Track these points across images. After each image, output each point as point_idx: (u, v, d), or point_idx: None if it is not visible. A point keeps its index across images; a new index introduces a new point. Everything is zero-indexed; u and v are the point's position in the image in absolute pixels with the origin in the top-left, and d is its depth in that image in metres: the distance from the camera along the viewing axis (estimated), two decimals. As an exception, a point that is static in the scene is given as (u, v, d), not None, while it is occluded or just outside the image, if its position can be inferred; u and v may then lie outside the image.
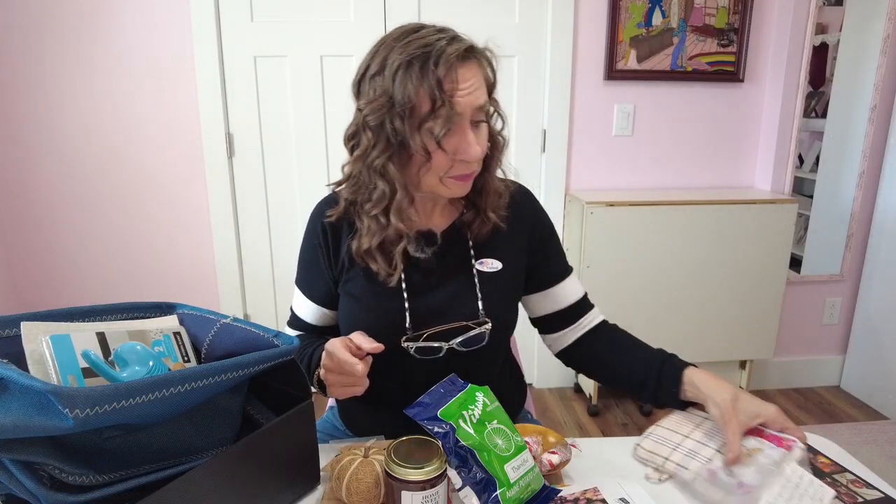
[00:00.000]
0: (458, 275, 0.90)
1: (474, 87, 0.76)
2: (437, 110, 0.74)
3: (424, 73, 0.73)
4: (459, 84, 0.75)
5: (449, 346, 0.85)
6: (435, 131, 0.75)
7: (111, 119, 2.05)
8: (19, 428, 0.48)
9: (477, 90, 0.77)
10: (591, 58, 2.14)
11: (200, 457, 0.63)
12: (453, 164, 0.79)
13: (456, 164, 0.79)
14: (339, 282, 0.92)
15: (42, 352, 0.60)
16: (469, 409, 0.71)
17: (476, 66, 0.78)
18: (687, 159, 2.28)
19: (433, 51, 0.74)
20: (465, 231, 0.91)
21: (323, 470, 0.76)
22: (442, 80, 0.73)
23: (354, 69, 0.87)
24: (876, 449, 2.00)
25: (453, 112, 0.74)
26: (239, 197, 2.18)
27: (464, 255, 0.91)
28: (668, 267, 2.07)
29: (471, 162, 0.80)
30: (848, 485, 0.74)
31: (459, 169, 0.80)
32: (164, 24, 1.99)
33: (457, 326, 0.86)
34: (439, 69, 0.73)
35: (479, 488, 0.65)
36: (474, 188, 0.88)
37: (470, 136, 0.78)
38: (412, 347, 0.85)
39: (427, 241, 0.89)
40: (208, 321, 0.73)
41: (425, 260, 0.88)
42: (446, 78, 0.73)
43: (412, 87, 0.73)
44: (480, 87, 0.78)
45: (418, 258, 0.88)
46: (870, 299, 2.33)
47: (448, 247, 0.90)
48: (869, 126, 2.22)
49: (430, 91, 0.73)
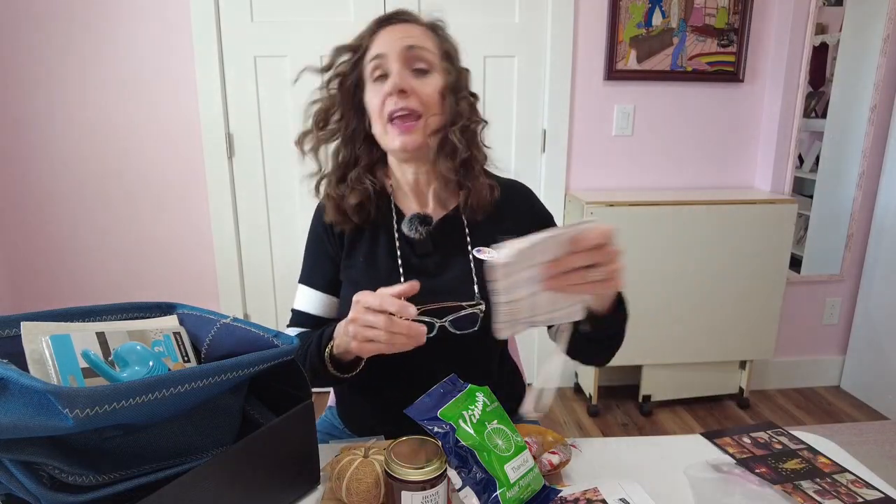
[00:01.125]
0: (455, 261, 0.91)
1: (400, 36, 0.86)
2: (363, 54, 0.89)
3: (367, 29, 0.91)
4: (384, 33, 0.88)
5: (441, 324, 0.85)
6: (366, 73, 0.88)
7: (111, 119, 2.05)
8: (19, 428, 0.48)
9: (404, 38, 0.86)
10: (591, 58, 2.14)
11: (200, 457, 0.63)
12: (386, 103, 0.85)
13: (387, 100, 0.85)
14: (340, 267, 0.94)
15: (42, 352, 0.60)
16: (469, 410, 0.71)
17: (410, 25, 0.89)
18: (687, 159, 2.28)
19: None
20: (461, 218, 0.93)
21: (323, 470, 0.76)
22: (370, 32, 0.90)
23: None
24: (876, 449, 2.00)
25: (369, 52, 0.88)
26: (239, 197, 2.17)
27: (460, 241, 0.93)
28: (668, 267, 2.07)
29: (387, 91, 0.84)
30: (848, 485, 0.74)
31: (388, 105, 0.85)
32: (164, 24, 1.99)
33: (451, 306, 0.87)
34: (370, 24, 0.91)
35: (479, 488, 0.65)
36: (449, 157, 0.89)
37: (393, 69, 0.85)
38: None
39: (421, 221, 0.91)
40: (208, 321, 0.73)
41: (421, 244, 0.91)
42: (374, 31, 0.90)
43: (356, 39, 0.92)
44: (410, 37, 0.86)
45: (415, 242, 0.91)
46: (870, 299, 2.33)
47: (445, 233, 0.92)
48: (869, 126, 2.22)
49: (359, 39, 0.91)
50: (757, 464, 0.79)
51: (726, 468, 0.77)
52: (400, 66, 0.85)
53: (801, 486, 0.74)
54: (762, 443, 0.84)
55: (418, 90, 0.85)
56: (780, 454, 0.81)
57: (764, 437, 0.86)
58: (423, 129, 0.86)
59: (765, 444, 0.84)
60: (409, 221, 0.91)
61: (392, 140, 0.87)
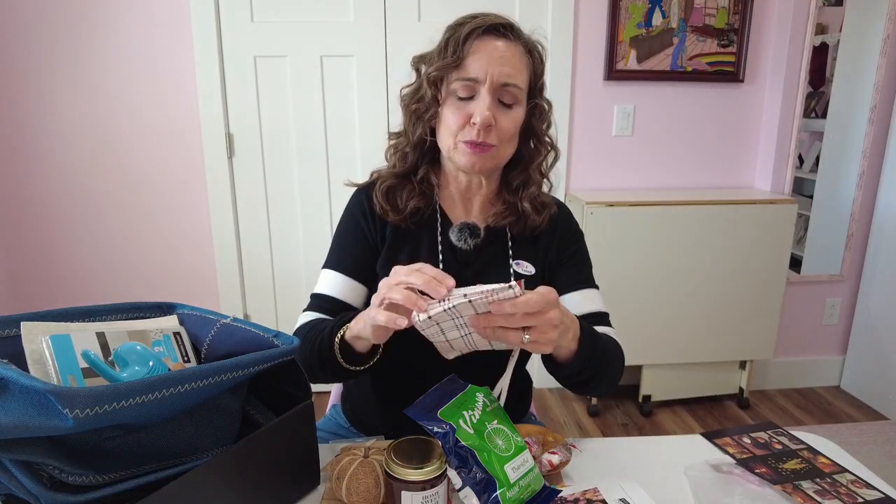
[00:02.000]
0: (495, 271, 0.91)
1: (499, 62, 0.81)
2: (454, 66, 0.82)
3: (458, 29, 0.83)
4: (479, 50, 0.82)
5: None
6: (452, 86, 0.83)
7: (111, 119, 2.05)
8: (19, 428, 0.48)
9: (503, 65, 0.81)
10: (591, 58, 2.14)
11: (200, 457, 0.63)
12: (464, 127, 0.83)
13: (468, 127, 0.83)
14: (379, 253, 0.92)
15: (42, 352, 0.60)
16: (469, 410, 0.71)
17: (511, 46, 0.83)
18: (687, 159, 2.28)
19: (474, 19, 0.83)
20: (506, 230, 0.93)
21: (323, 470, 0.75)
22: (463, 39, 0.81)
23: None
24: (876, 449, 2.00)
25: (459, 68, 0.82)
26: (239, 197, 2.17)
27: (502, 253, 0.93)
28: (668, 267, 2.07)
29: (476, 124, 0.81)
30: (848, 485, 0.74)
31: (468, 133, 0.83)
32: (164, 24, 1.99)
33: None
34: (467, 28, 0.82)
35: (479, 488, 0.65)
36: (509, 185, 0.92)
37: (484, 100, 0.82)
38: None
39: (471, 233, 0.91)
40: (208, 321, 0.73)
41: (464, 253, 0.91)
42: (468, 40, 0.81)
43: (442, 42, 0.84)
44: (508, 65, 0.82)
45: (458, 249, 0.91)
46: (870, 299, 2.33)
47: (488, 242, 0.92)
48: (869, 126, 2.22)
49: (451, 47, 0.82)
50: (757, 464, 0.79)
51: (726, 468, 0.77)
52: (491, 99, 0.82)
53: (801, 487, 0.74)
54: (762, 443, 0.84)
55: (500, 123, 0.83)
56: (780, 454, 0.81)
57: (764, 437, 0.86)
58: (495, 157, 0.86)
59: (765, 444, 0.84)
60: (458, 231, 0.90)
61: (461, 157, 0.86)
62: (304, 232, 2.22)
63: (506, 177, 0.94)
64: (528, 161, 0.91)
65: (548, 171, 0.95)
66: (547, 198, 0.95)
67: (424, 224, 0.93)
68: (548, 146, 0.93)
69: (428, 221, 0.93)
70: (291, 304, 2.28)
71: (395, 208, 0.91)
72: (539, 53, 0.88)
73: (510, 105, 0.84)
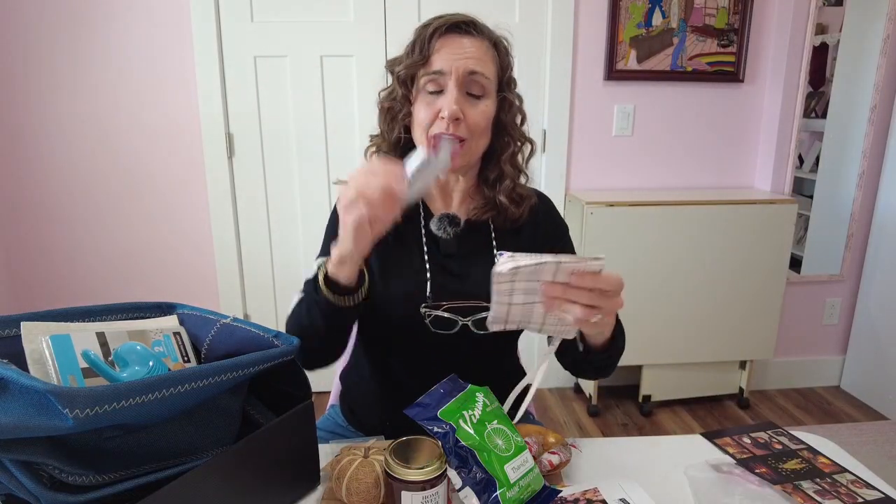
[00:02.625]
0: (479, 262, 0.91)
1: (464, 55, 0.83)
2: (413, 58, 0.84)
3: (425, 29, 0.85)
4: (447, 45, 0.84)
5: (464, 322, 0.87)
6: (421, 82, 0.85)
7: (111, 119, 2.05)
8: (19, 428, 0.48)
9: (467, 59, 0.83)
10: (591, 58, 2.14)
11: (200, 457, 0.63)
12: (434, 121, 0.84)
13: (437, 121, 0.84)
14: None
15: (42, 352, 0.60)
16: (469, 410, 0.71)
17: (477, 41, 0.86)
18: (687, 159, 2.28)
19: (441, 17, 0.86)
20: (488, 223, 0.94)
21: (323, 470, 0.75)
22: (429, 37, 0.84)
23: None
24: (876, 449, 2.00)
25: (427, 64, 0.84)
26: (239, 197, 2.17)
27: (485, 244, 0.94)
28: (668, 267, 2.07)
29: (443, 116, 0.82)
30: (848, 485, 0.74)
31: (438, 126, 0.84)
32: (164, 24, 1.99)
33: (476, 306, 0.88)
34: (433, 26, 0.84)
35: (479, 488, 0.65)
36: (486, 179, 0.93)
37: (450, 93, 0.83)
38: (430, 315, 0.87)
39: (451, 222, 0.92)
40: (208, 321, 0.73)
41: (446, 243, 0.92)
42: (433, 38, 0.84)
43: (410, 44, 0.87)
44: (475, 59, 0.84)
45: (441, 240, 0.92)
46: (870, 299, 2.33)
47: (470, 234, 0.93)
48: (869, 126, 2.22)
49: (418, 46, 0.85)
50: (757, 464, 0.79)
51: (726, 468, 0.77)
52: (458, 90, 0.83)
53: (801, 487, 0.74)
54: (762, 443, 0.84)
55: (469, 116, 0.84)
56: (780, 454, 0.81)
57: (764, 437, 0.86)
58: (467, 153, 0.87)
59: (765, 444, 0.84)
60: (438, 221, 0.92)
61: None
62: (304, 232, 2.22)
63: (482, 172, 0.95)
64: (499, 154, 0.93)
65: (523, 164, 0.95)
66: (525, 189, 0.96)
67: (408, 219, 0.94)
68: (518, 139, 0.93)
69: (412, 217, 0.94)
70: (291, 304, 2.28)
71: None
72: (504, 47, 0.90)
73: (479, 96, 0.85)
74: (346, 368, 1.10)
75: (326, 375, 1.22)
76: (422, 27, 0.86)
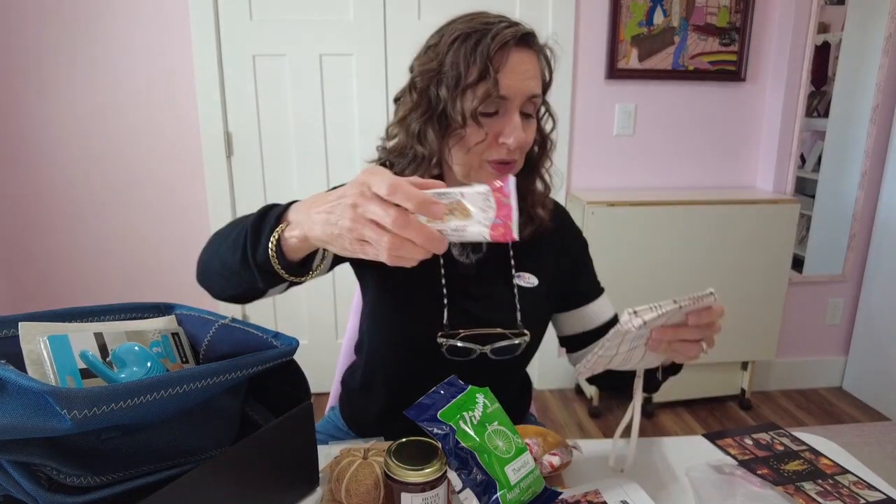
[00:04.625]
0: (497, 285, 0.90)
1: (527, 76, 0.76)
2: (481, 83, 0.74)
3: (478, 45, 0.74)
4: (510, 65, 0.75)
5: (482, 352, 0.85)
6: (475, 104, 0.75)
7: (110, 118, 2.05)
8: (17, 429, 0.48)
9: (530, 80, 0.77)
10: (592, 57, 2.13)
11: (199, 458, 0.63)
12: (491, 146, 0.78)
13: (495, 147, 0.78)
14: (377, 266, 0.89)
15: (40, 352, 0.59)
16: (469, 411, 0.71)
17: (532, 56, 0.78)
18: (688, 159, 2.28)
19: (492, 28, 0.75)
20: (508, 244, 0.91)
21: (322, 471, 0.75)
22: (492, 56, 0.73)
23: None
24: (878, 450, 1.99)
25: (496, 89, 0.74)
26: (238, 196, 2.17)
27: (504, 267, 0.91)
28: (670, 267, 2.07)
29: (511, 147, 0.77)
30: (850, 486, 0.73)
31: (498, 153, 0.78)
32: (163, 23, 1.99)
33: (494, 333, 0.86)
34: (493, 44, 0.73)
35: (480, 490, 0.64)
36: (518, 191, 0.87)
37: (516, 120, 0.77)
38: (446, 344, 0.84)
39: (473, 247, 0.89)
40: (206, 322, 0.73)
41: (465, 266, 0.89)
42: (497, 55, 0.74)
43: (463, 57, 0.74)
44: (535, 79, 0.78)
45: (459, 262, 0.89)
46: (872, 300, 2.33)
47: (489, 257, 0.90)
48: (871, 126, 2.22)
49: (479, 64, 0.74)
50: (759, 465, 0.78)
51: (728, 469, 0.77)
52: (520, 117, 0.77)
53: (803, 488, 0.73)
54: (764, 444, 0.84)
55: (526, 138, 0.79)
56: (782, 455, 0.81)
57: (766, 438, 0.86)
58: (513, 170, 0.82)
59: (766, 445, 0.84)
60: (461, 246, 0.89)
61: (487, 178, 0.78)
62: (305, 231, 2.22)
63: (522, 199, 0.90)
64: (535, 165, 0.88)
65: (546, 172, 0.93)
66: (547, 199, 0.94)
67: None
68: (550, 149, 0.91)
69: None
70: (290, 304, 2.28)
71: None
72: (548, 59, 0.84)
73: (531, 116, 0.81)
74: (348, 373, 1.07)
75: (326, 377, 1.22)
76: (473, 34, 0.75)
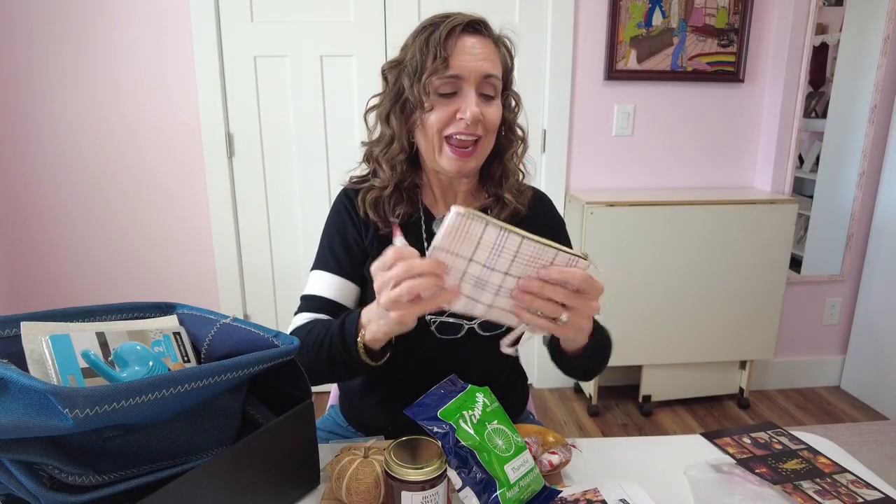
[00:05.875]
0: None
1: (479, 58, 0.83)
2: (434, 65, 0.82)
3: (432, 33, 0.83)
4: (460, 48, 0.83)
5: (470, 326, 0.87)
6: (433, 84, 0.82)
7: (111, 119, 2.05)
8: (19, 428, 0.48)
9: (482, 61, 0.83)
10: (592, 58, 2.14)
11: (200, 457, 0.63)
12: (450, 122, 0.84)
13: (454, 122, 0.84)
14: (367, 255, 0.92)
15: (42, 352, 0.60)
16: (469, 410, 0.71)
17: (486, 41, 0.85)
18: (687, 159, 2.28)
19: (446, 20, 0.84)
20: None
21: (323, 470, 0.75)
22: (443, 41, 0.82)
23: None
24: (876, 449, 2.00)
25: (445, 68, 0.81)
26: (239, 197, 2.17)
27: None
28: (668, 267, 2.07)
29: (468, 121, 0.82)
30: (848, 485, 0.74)
31: (456, 126, 0.84)
32: (164, 24, 1.99)
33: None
34: (442, 30, 0.82)
35: (479, 489, 0.65)
36: (491, 177, 0.93)
37: (471, 97, 0.83)
38: (435, 321, 0.87)
39: None
40: (208, 321, 0.73)
41: None
42: (447, 40, 0.82)
43: (419, 47, 0.84)
44: (487, 60, 0.84)
45: None
46: (870, 299, 2.33)
47: None
48: (869, 126, 2.22)
49: (433, 50, 0.82)
50: (757, 464, 0.79)
51: (726, 468, 0.77)
52: (475, 93, 0.84)
53: (802, 487, 0.74)
54: (762, 443, 0.84)
55: (486, 116, 0.85)
56: (780, 454, 0.81)
57: (764, 437, 0.86)
58: (479, 155, 0.88)
59: (765, 444, 0.84)
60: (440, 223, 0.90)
61: (447, 162, 0.86)
62: (304, 232, 2.22)
63: (485, 170, 0.95)
64: (504, 151, 0.93)
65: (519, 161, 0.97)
66: (524, 185, 0.98)
67: (409, 222, 0.93)
68: (519, 136, 0.95)
69: (413, 222, 0.94)
70: (291, 304, 2.27)
71: (383, 219, 0.91)
72: (507, 47, 0.90)
73: (492, 97, 0.86)
74: None
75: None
76: (429, 25, 0.85)
